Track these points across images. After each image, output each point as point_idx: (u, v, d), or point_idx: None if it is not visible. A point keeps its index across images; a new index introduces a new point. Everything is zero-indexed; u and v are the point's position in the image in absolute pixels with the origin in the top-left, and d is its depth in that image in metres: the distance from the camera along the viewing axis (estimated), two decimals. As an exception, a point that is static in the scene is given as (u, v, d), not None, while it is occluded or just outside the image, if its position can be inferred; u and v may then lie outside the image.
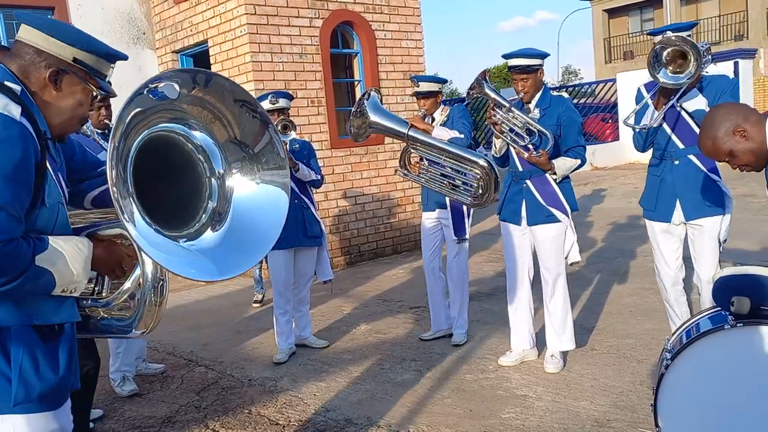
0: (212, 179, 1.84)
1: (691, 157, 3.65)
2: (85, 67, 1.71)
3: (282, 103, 4.60)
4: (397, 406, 3.68)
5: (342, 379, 4.16)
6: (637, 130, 3.70)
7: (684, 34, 3.49)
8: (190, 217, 1.82)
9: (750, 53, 15.31)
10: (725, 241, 3.68)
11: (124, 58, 1.82)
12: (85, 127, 3.47)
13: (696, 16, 26.76)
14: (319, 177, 4.72)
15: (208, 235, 1.81)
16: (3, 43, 7.30)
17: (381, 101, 4.25)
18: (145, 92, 1.60)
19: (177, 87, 1.66)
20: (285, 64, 7.15)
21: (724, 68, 13.89)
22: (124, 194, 1.56)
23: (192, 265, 1.69)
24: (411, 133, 4.15)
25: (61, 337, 1.71)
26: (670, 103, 3.55)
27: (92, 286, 1.79)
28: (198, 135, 1.80)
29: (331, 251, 7.44)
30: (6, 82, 1.62)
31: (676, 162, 3.68)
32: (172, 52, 8.09)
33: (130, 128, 1.60)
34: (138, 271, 1.81)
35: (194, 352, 4.88)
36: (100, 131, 3.80)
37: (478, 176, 3.95)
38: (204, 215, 1.82)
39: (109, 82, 1.83)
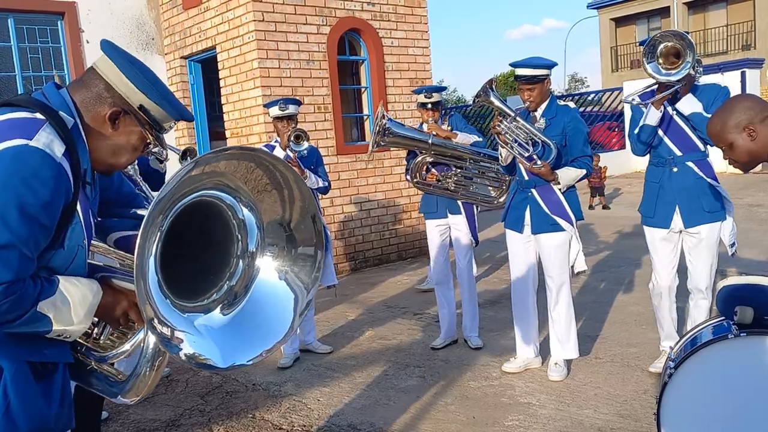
0: (240, 260, 1.74)
1: (690, 163, 3.69)
2: (148, 116, 1.66)
3: (291, 109, 4.63)
4: (400, 412, 3.69)
5: (346, 384, 4.16)
6: (635, 104, 3.71)
7: None
8: (203, 291, 1.73)
9: (757, 63, 15.28)
10: (733, 245, 3.69)
11: (190, 119, 1.78)
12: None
13: (703, 25, 26.75)
14: (327, 184, 4.75)
15: (216, 315, 1.70)
16: (13, 47, 7.37)
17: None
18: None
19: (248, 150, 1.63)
20: (292, 70, 7.19)
21: (732, 78, 13.89)
22: (145, 261, 1.49)
23: (196, 344, 1.60)
24: (434, 141, 4.37)
25: (54, 376, 1.64)
26: (663, 94, 3.57)
27: (92, 330, 1.73)
28: (245, 211, 1.71)
29: (336, 257, 7.46)
30: (61, 112, 1.57)
31: (675, 169, 3.72)
32: (181, 57, 8.14)
33: (181, 190, 1.54)
34: (140, 335, 1.72)
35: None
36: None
37: (504, 174, 4.29)
38: (217, 293, 1.73)
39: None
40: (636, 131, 3.79)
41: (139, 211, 1.96)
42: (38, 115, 1.53)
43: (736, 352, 2.31)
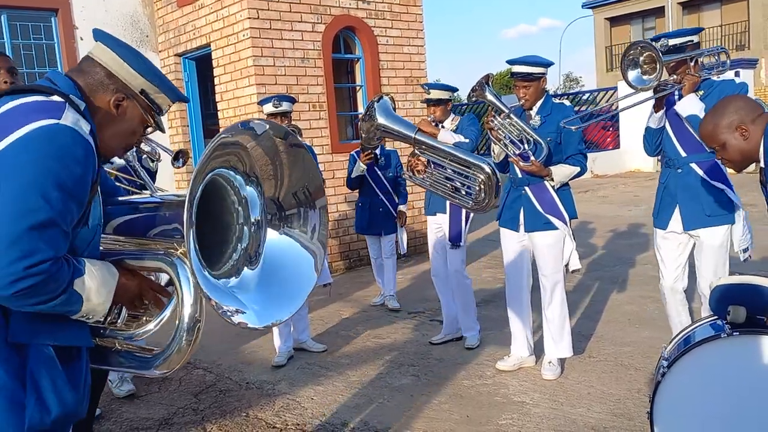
0: (245, 226, 1.85)
1: (693, 165, 3.60)
2: (149, 100, 1.71)
3: (285, 106, 4.63)
4: (394, 411, 3.69)
5: (340, 383, 4.16)
6: (638, 89, 3.47)
7: (688, 38, 3.52)
8: (220, 256, 1.81)
9: (751, 63, 15.35)
10: (746, 250, 3.56)
11: (186, 101, 1.84)
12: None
13: (698, 25, 26.79)
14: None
15: (247, 272, 1.82)
16: (7, 44, 7.33)
17: (394, 108, 4.31)
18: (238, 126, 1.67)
19: (267, 126, 1.74)
20: (287, 68, 7.17)
21: (725, 77, 13.92)
22: (189, 231, 1.55)
23: (237, 308, 1.71)
24: (417, 136, 4.24)
25: (78, 361, 1.66)
26: (654, 96, 3.54)
27: (108, 315, 1.72)
28: (249, 189, 1.84)
29: (331, 255, 7.45)
30: (72, 96, 1.60)
31: (679, 170, 3.64)
32: (175, 55, 8.12)
33: (210, 161, 1.65)
34: (167, 313, 1.77)
35: (192, 354, 4.88)
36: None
37: (481, 180, 4.02)
38: (235, 254, 1.83)
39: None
40: (644, 132, 3.79)
41: (133, 197, 1.99)
42: (55, 98, 1.56)
43: (728, 351, 2.32)
